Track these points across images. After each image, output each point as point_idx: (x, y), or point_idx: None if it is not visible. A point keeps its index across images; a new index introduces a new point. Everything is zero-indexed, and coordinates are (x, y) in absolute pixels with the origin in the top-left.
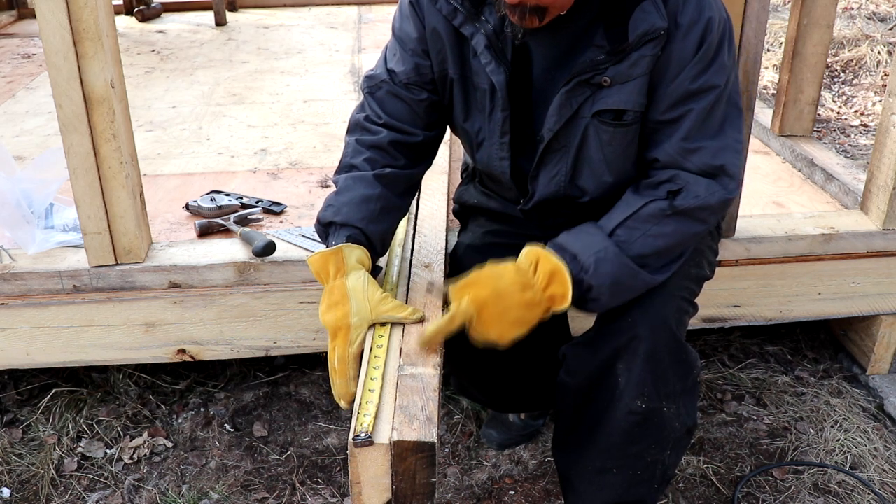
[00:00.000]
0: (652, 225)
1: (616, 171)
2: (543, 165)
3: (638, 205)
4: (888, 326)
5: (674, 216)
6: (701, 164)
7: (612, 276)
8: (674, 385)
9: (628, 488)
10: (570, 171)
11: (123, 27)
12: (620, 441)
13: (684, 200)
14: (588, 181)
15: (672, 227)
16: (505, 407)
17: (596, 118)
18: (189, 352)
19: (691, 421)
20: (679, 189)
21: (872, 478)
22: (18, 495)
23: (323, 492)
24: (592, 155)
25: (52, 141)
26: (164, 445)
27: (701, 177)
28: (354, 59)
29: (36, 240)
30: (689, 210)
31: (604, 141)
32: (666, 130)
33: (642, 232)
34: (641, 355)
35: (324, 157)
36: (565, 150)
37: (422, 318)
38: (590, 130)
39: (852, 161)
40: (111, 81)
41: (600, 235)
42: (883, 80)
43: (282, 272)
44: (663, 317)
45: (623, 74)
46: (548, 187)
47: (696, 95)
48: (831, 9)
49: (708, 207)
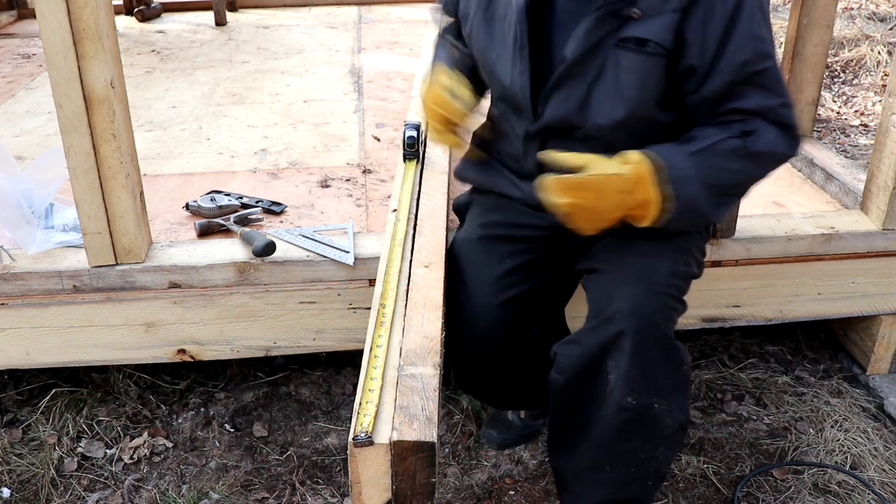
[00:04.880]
0: (724, 159)
1: (628, 103)
2: (559, 88)
3: (716, 138)
4: (888, 326)
5: (744, 156)
6: (776, 119)
7: (690, 196)
8: (664, 381)
9: (622, 486)
10: (583, 96)
11: (123, 27)
12: (612, 439)
13: (755, 143)
14: (598, 110)
15: (740, 165)
16: (505, 404)
17: (619, 47)
18: (189, 352)
19: (683, 417)
20: (752, 131)
21: (872, 478)
22: (18, 495)
23: (323, 492)
24: (609, 83)
25: (52, 141)
26: (164, 445)
27: (774, 127)
28: (354, 59)
29: (36, 240)
30: (758, 153)
31: (622, 67)
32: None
33: (714, 164)
34: (628, 351)
35: (324, 157)
36: (583, 76)
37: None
38: (610, 59)
39: (852, 161)
40: (111, 81)
41: (683, 154)
42: (883, 80)
43: (282, 272)
44: (649, 313)
45: (654, 7)
46: (558, 110)
47: (763, 55)
48: (831, 9)
49: (773, 155)
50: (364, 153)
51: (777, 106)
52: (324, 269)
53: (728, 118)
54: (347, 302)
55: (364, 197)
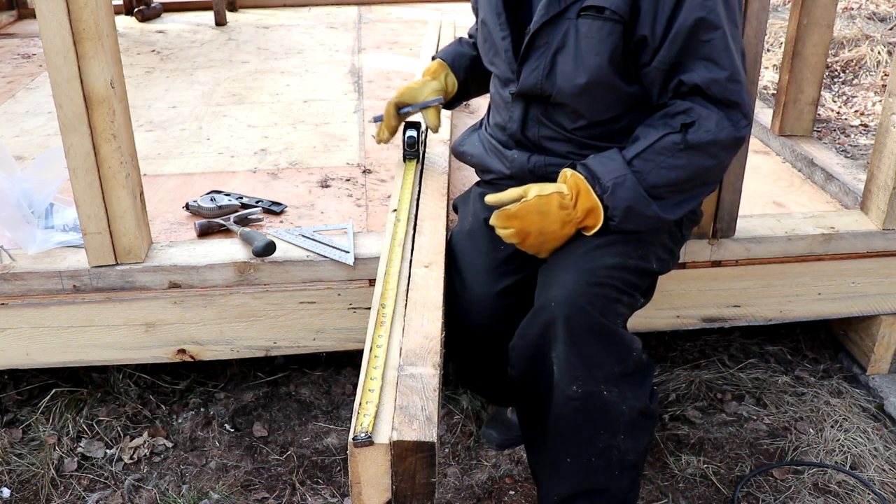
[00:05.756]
0: (666, 157)
1: (588, 69)
2: (528, 57)
3: (655, 137)
4: (888, 326)
5: (686, 150)
6: (722, 96)
7: (627, 200)
8: (610, 368)
9: (586, 477)
10: (548, 64)
11: (123, 27)
12: (567, 430)
13: (696, 134)
14: (562, 77)
15: (685, 160)
16: (501, 399)
17: (580, 16)
18: (189, 352)
19: (641, 403)
20: (692, 122)
21: (872, 478)
22: (18, 495)
23: (323, 492)
24: (570, 50)
25: (52, 141)
26: (164, 445)
27: (716, 110)
28: (354, 59)
29: (36, 240)
30: (701, 144)
31: (581, 34)
32: (690, 56)
33: (657, 164)
34: (563, 340)
35: (324, 157)
36: (547, 47)
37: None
38: (571, 29)
39: (852, 161)
40: (111, 81)
41: (621, 161)
42: (883, 80)
43: (282, 272)
44: (581, 301)
45: None
46: (529, 77)
47: (712, 25)
48: (831, 9)
49: (718, 143)
50: (364, 153)
51: (723, 80)
52: (324, 269)
53: (674, 104)
54: (347, 302)
55: (364, 197)
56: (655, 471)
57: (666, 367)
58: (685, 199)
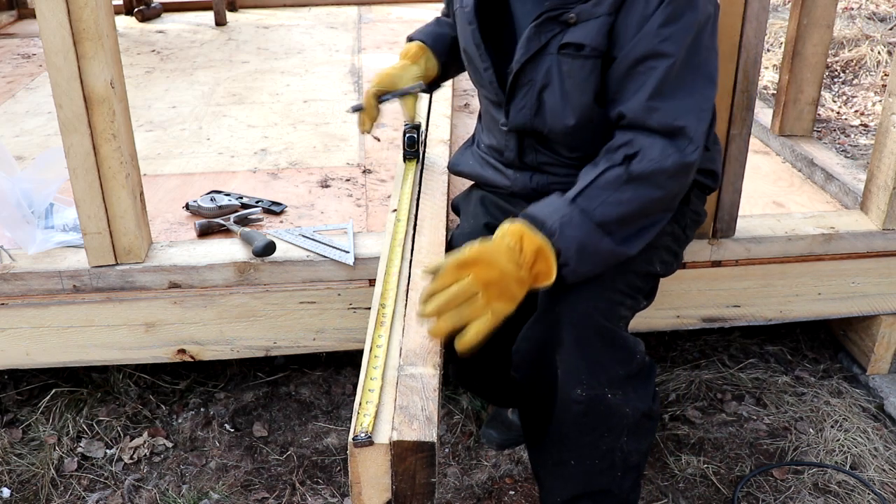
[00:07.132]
0: (611, 192)
1: (577, 109)
2: (514, 96)
3: (596, 173)
4: (888, 326)
5: (630, 182)
6: (662, 123)
7: (577, 239)
8: (615, 371)
9: (590, 478)
10: (535, 103)
11: (123, 27)
12: (571, 432)
13: (639, 165)
14: (552, 116)
15: (630, 193)
16: (501, 400)
17: (560, 54)
18: (189, 352)
19: (645, 405)
20: (635, 153)
21: (872, 478)
22: (18, 495)
23: (323, 492)
24: (556, 89)
25: (52, 141)
26: (164, 445)
27: (659, 138)
28: (354, 59)
29: (36, 240)
30: (645, 175)
31: (564, 72)
32: (631, 86)
33: (602, 199)
34: (569, 343)
35: (324, 157)
36: (531, 84)
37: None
38: (554, 66)
39: (852, 161)
40: (111, 81)
41: (564, 202)
42: (883, 80)
43: (282, 272)
44: (586, 304)
45: (587, 12)
46: (517, 116)
47: (660, 54)
48: (831, 9)
49: (663, 171)
50: (364, 153)
51: (665, 107)
52: (324, 269)
53: (616, 136)
54: (347, 302)
55: (364, 197)
56: (655, 471)
57: (666, 367)
58: (640, 232)
